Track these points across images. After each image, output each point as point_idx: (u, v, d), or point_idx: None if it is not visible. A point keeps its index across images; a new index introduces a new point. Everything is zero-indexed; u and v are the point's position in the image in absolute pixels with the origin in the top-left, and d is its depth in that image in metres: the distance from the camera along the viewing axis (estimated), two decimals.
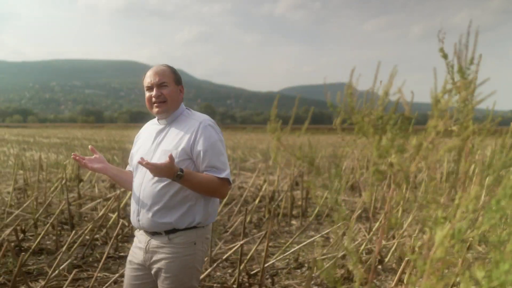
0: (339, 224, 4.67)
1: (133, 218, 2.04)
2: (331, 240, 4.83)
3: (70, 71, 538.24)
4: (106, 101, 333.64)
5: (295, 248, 3.65)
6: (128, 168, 2.25)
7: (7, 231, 4.10)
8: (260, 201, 6.33)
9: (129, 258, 2.11)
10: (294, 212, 6.07)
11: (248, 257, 3.08)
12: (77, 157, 2.05)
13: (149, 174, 1.95)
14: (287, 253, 3.73)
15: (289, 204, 5.87)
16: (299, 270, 3.86)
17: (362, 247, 3.80)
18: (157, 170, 1.80)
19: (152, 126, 2.14)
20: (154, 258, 1.99)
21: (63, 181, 5.71)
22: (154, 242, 1.99)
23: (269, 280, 3.40)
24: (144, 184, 2.00)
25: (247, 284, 3.04)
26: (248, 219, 5.14)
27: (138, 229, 2.08)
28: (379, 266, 3.83)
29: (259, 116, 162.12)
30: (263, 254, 2.77)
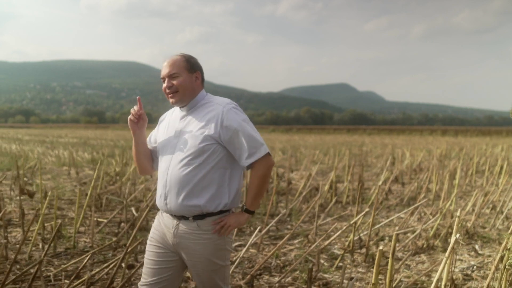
0: (411, 208, 5.46)
1: (159, 201, 2.07)
2: (394, 221, 5.53)
3: (71, 71, 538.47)
4: (107, 101, 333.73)
5: (381, 224, 4.38)
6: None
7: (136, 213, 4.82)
8: (303, 192, 7.07)
9: (150, 235, 2.18)
10: (349, 200, 6.80)
11: (357, 225, 3.82)
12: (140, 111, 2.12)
13: (176, 158, 2.00)
14: (378, 226, 4.45)
15: (346, 193, 6.61)
16: (382, 242, 4.59)
17: (437, 222, 4.51)
18: (234, 226, 2.02)
19: (176, 112, 2.16)
20: (184, 244, 2.03)
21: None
22: (183, 227, 2.02)
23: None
24: (171, 168, 2.01)
25: (357, 245, 3.80)
26: (317, 205, 5.87)
27: (163, 212, 2.12)
28: (448, 240, 4.54)
29: (261, 117, 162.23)
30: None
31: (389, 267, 2.19)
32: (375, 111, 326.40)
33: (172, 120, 2.14)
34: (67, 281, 3.38)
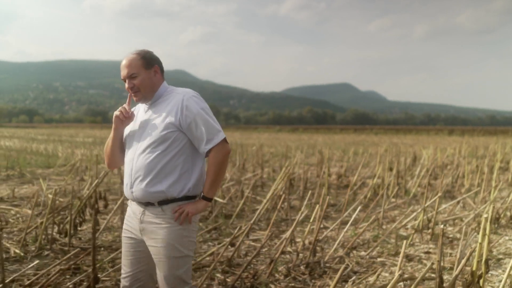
0: (459, 199, 6.11)
1: (126, 190, 2.13)
2: (440, 211, 6.18)
3: (74, 71, 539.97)
4: (109, 101, 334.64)
5: (440, 208, 5.02)
6: None
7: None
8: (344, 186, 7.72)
9: (124, 227, 2.23)
10: (389, 192, 7.46)
11: (423, 210, 4.48)
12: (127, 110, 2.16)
13: (140, 147, 2.08)
14: (440, 209, 5.13)
15: (386, 186, 7.27)
16: (436, 226, 5.25)
17: (486, 209, 5.17)
18: (193, 212, 2.06)
19: (141, 105, 2.25)
20: (149, 229, 2.08)
21: None
22: (148, 213, 2.09)
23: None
24: (136, 157, 2.08)
25: (422, 227, 4.47)
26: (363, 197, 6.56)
27: (131, 200, 2.17)
28: (495, 225, 5.21)
29: (263, 117, 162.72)
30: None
31: (487, 232, 2.87)
32: (377, 110, 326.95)
33: (138, 112, 2.23)
34: None
